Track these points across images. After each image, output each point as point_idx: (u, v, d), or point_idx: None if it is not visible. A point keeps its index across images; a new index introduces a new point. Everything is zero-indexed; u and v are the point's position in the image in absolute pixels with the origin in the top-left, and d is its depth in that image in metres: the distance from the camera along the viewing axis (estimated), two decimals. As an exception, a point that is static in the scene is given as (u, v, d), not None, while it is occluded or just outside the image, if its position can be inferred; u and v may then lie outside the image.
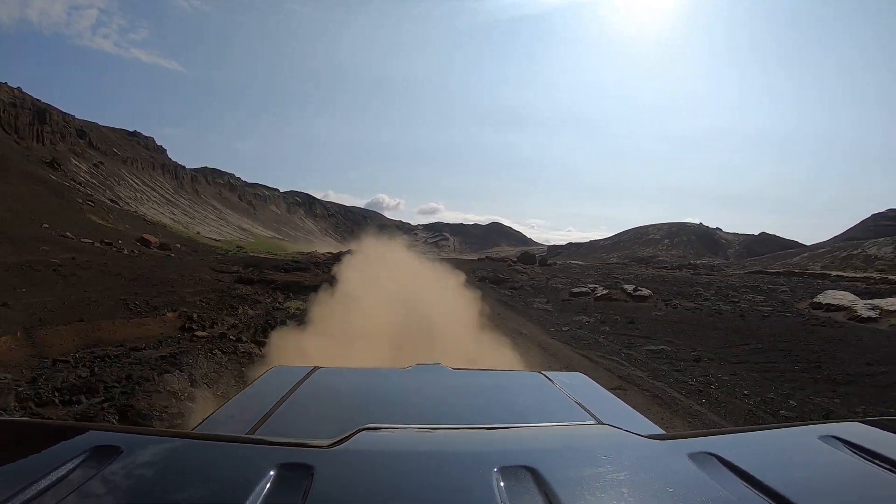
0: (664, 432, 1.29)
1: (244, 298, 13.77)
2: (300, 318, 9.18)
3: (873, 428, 1.02)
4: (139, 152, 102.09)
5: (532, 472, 0.73)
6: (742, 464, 0.77)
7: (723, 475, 0.75)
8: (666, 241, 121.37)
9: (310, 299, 8.70)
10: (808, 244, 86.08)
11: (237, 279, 17.86)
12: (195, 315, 10.24)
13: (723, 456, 0.80)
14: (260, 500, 0.64)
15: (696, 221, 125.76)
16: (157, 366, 6.50)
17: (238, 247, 62.18)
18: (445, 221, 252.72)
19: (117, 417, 4.92)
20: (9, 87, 71.44)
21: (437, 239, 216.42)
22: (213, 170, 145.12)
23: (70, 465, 0.70)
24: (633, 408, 1.66)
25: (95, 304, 10.12)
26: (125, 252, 24.85)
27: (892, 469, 0.78)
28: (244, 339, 8.69)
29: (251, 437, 1.13)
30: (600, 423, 1.30)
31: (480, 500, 0.67)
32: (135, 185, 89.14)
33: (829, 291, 16.99)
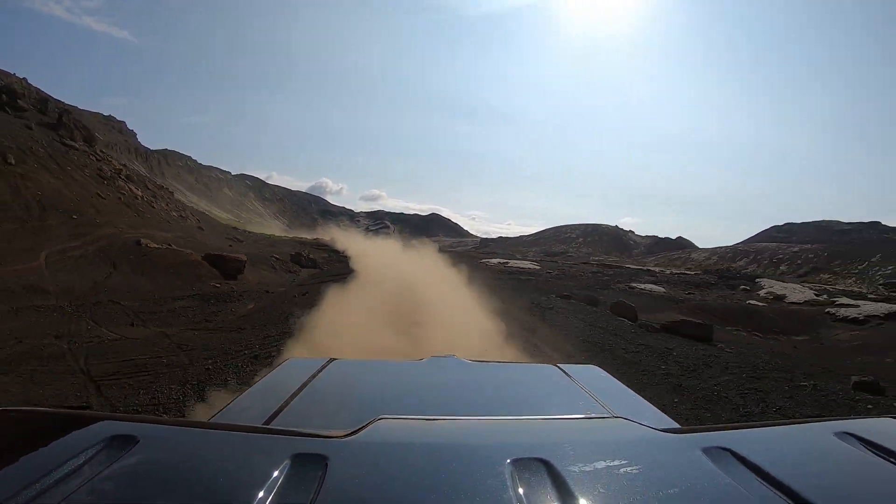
0: (679, 426, 1.28)
1: (329, 256, 35.38)
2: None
3: (890, 423, 1.04)
4: (115, 136, 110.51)
5: (545, 464, 0.74)
6: (756, 459, 0.78)
7: (737, 470, 0.76)
8: (580, 239, 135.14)
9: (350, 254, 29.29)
10: (700, 247, 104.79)
11: (317, 248, 39.49)
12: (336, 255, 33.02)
13: (737, 451, 0.81)
14: (275, 490, 0.65)
15: (612, 224, 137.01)
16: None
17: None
18: (387, 209, 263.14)
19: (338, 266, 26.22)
20: (17, 77, 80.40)
21: (379, 227, 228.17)
22: (173, 152, 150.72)
23: (86, 455, 0.71)
24: (645, 398, 1.68)
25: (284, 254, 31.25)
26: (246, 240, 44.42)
27: None
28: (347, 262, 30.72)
29: (266, 427, 1.16)
30: (615, 416, 1.31)
31: (494, 491, 0.68)
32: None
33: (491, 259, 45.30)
